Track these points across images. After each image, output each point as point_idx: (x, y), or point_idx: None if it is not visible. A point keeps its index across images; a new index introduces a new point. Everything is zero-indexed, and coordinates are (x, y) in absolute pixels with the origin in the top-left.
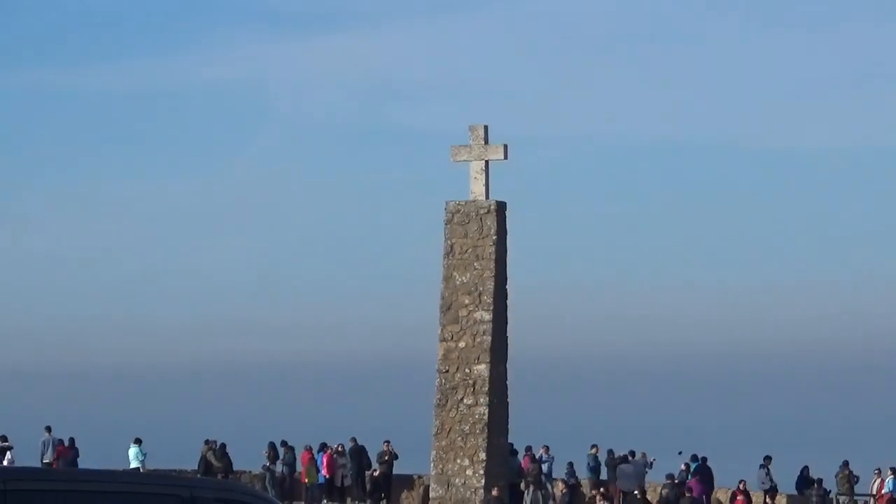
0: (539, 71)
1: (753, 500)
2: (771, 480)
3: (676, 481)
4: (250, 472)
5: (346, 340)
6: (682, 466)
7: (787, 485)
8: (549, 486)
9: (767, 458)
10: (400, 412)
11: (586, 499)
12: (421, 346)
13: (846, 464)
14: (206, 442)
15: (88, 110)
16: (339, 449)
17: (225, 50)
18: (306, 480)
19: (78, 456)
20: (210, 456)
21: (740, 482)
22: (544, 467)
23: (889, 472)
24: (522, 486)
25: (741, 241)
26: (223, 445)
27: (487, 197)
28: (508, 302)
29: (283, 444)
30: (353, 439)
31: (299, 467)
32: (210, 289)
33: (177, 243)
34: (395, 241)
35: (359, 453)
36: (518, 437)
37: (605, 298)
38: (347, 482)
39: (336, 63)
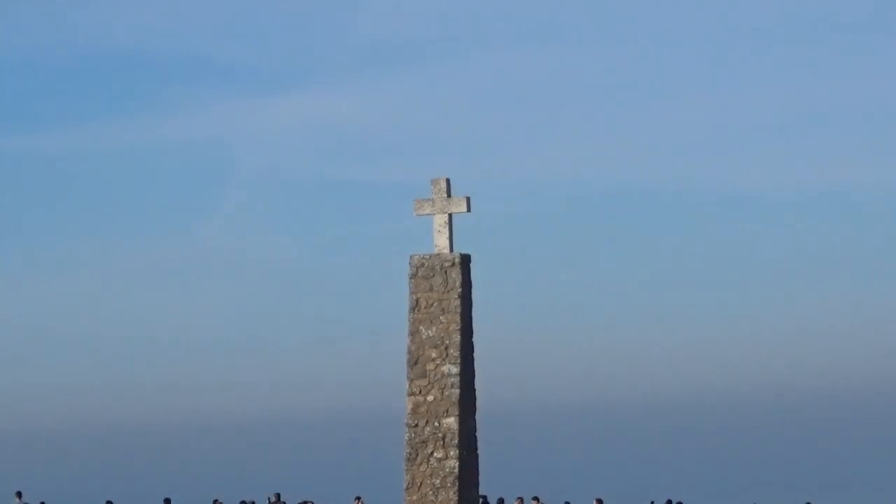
0: (499, 122)
1: None
2: None
3: None
4: None
5: (312, 396)
6: None
7: None
8: None
9: None
10: (369, 467)
11: None
12: (388, 401)
13: None
14: (215, 501)
15: (45, 172)
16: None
17: (184, 110)
18: None
19: None
20: None
21: None
22: None
23: None
24: None
25: (712, 287)
26: None
27: (452, 250)
28: (475, 354)
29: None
30: (277, 494)
31: None
32: (171, 350)
33: (135, 304)
34: (359, 295)
35: None
36: (490, 489)
37: (575, 347)
38: None
39: (297, 120)
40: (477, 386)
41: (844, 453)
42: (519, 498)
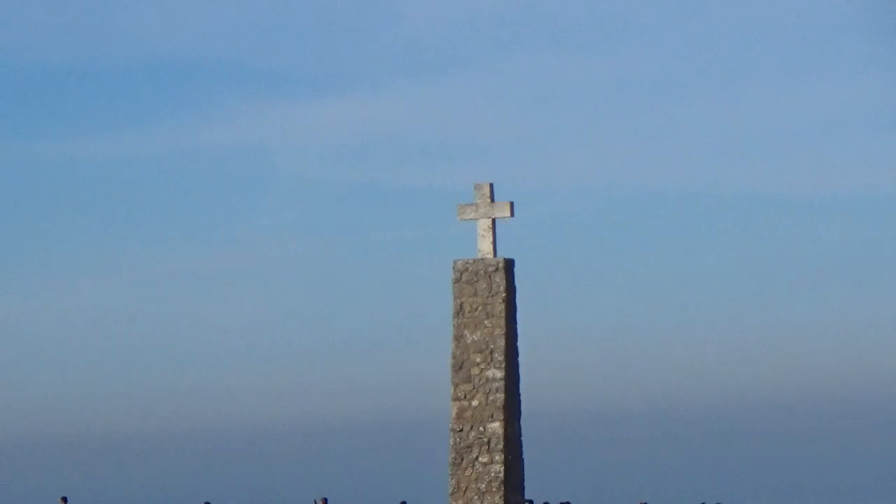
0: (541, 127)
1: None
2: None
3: None
4: None
5: (358, 401)
6: None
7: None
8: None
9: None
10: (414, 472)
11: None
12: (433, 406)
13: None
14: None
15: (86, 178)
16: None
17: (226, 115)
18: None
19: None
20: None
21: None
22: None
23: None
24: None
25: (753, 291)
26: None
27: (495, 254)
28: (520, 359)
29: None
30: (325, 499)
31: None
32: (217, 354)
33: (182, 308)
34: (403, 300)
35: None
36: (534, 493)
37: (618, 350)
38: None
39: (339, 126)
40: (521, 390)
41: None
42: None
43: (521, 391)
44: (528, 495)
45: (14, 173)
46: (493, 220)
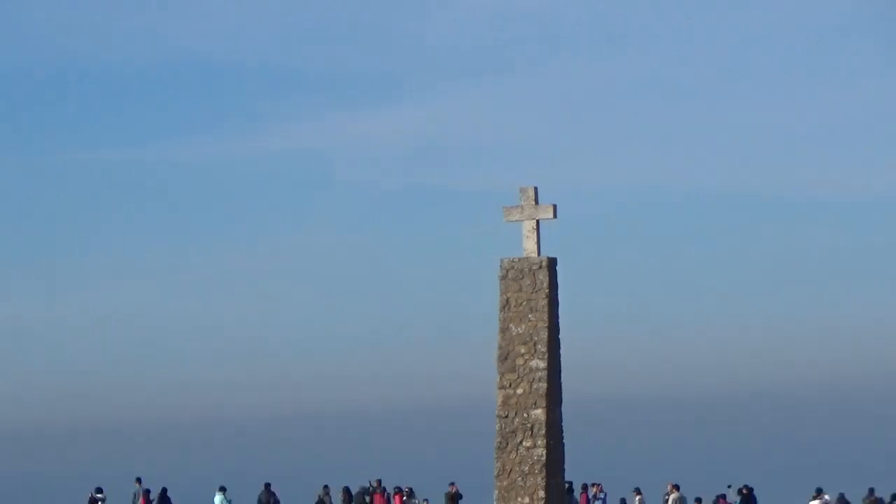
0: (583, 131)
1: None
2: None
3: None
4: None
5: (411, 390)
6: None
7: None
8: None
9: (818, 491)
10: (462, 456)
11: None
12: (480, 394)
13: (871, 490)
14: (325, 487)
15: (152, 182)
16: (408, 490)
17: (283, 122)
18: None
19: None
20: (325, 498)
21: None
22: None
23: None
24: None
25: (785, 286)
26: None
27: (539, 253)
28: (561, 350)
29: (345, 489)
30: (378, 480)
31: None
32: (282, 346)
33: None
34: (452, 296)
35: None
36: (574, 475)
37: (653, 343)
38: None
39: (390, 131)
40: (562, 379)
41: None
42: (597, 484)
43: (562, 380)
44: (567, 477)
45: (86, 178)
46: (538, 222)
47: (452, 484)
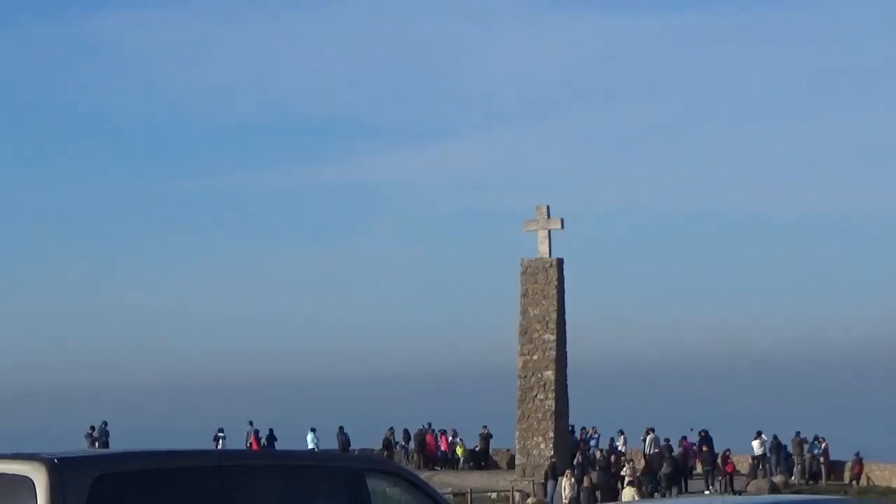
0: (584, 164)
1: (741, 462)
2: (761, 446)
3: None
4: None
5: (455, 357)
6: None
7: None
8: (594, 454)
9: (758, 433)
10: (494, 406)
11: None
12: (506, 360)
13: (798, 433)
14: (391, 429)
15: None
16: (452, 431)
17: (347, 158)
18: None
19: (276, 442)
20: (391, 437)
21: (727, 450)
22: (592, 442)
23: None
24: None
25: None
26: (406, 432)
27: (550, 255)
28: (567, 327)
29: (405, 430)
30: (429, 423)
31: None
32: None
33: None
34: (485, 288)
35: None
36: (575, 420)
37: (638, 321)
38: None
39: (432, 165)
40: (567, 348)
41: None
42: (593, 427)
43: (567, 349)
44: (570, 422)
45: (203, 201)
46: (549, 231)
47: (485, 427)
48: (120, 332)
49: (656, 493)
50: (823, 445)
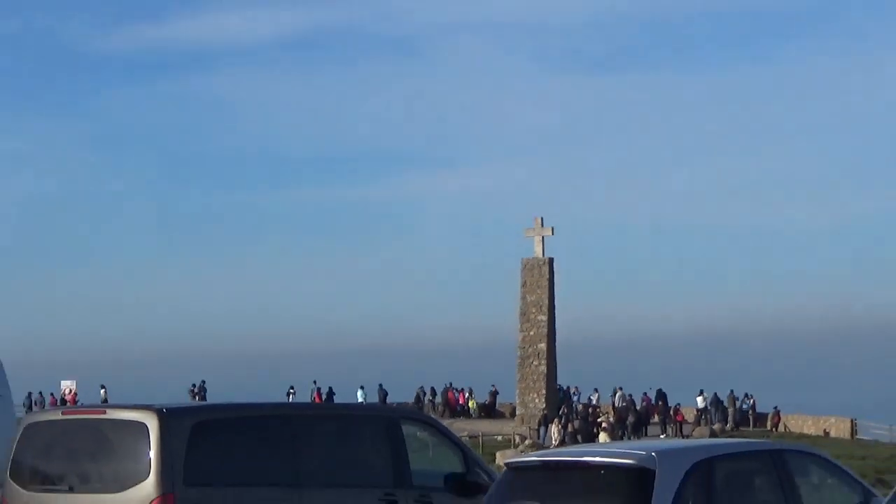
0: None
1: (687, 415)
2: (703, 401)
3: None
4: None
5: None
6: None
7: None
8: (576, 407)
9: (701, 391)
10: (499, 371)
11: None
12: (509, 336)
13: (732, 391)
14: (421, 387)
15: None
16: (469, 389)
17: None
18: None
19: (334, 396)
20: (421, 395)
21: (677, 405)
22: (574, 398)
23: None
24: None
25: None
26: (433, 389)
27: (543, 255)
28: (556, 311)
29: (432, 388)
30: (449, 383)
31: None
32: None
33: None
34: (495, 281)
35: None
36: (562, 381)
37: (613, 304)
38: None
39: (459, 187)
40: (556, 326)
41: None
42: (576, 386)
43: (556, 326)
44: (559, 382)
45: (286, 213)
46: (543, 237)
47: (493, 386)
48: (221, 307)
49: (624, 437)
50: (751, 401)
